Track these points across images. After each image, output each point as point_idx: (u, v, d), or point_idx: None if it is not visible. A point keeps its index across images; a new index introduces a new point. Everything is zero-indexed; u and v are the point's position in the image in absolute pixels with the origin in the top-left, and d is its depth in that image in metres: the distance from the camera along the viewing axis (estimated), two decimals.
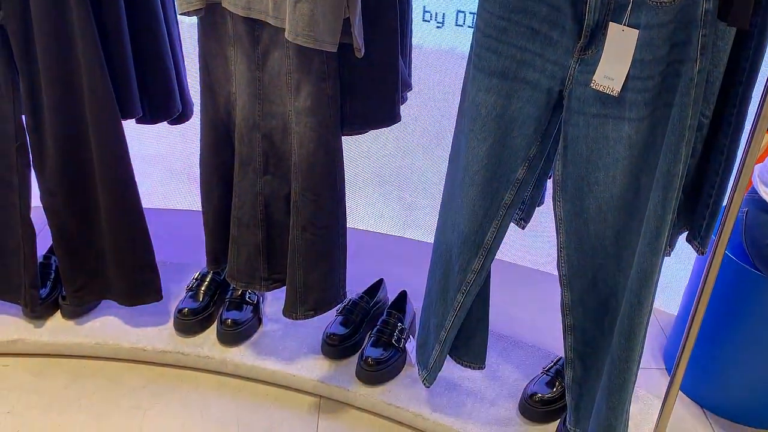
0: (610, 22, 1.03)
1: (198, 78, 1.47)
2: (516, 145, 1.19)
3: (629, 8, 1.00)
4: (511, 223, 1.32)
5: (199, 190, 1.56)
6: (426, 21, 1.88)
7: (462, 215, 1.28)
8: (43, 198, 1.58)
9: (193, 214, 2.21)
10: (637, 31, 1.00)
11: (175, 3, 1.35)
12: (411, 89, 1.58)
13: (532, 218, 1.46)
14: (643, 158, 1.07)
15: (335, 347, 1.66)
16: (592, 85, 1.07)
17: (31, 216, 1.62)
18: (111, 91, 1.47)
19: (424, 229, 2.18)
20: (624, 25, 1.01)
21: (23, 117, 1.52)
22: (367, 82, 1.36)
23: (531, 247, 2.08)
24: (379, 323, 1.68)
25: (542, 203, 1.47)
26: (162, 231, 1.69)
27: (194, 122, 1.73)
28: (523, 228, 1.47)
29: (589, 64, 1.08)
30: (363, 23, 1.26)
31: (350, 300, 1.73)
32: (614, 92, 1.05)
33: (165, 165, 2.20)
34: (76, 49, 1.42)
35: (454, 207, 1.30)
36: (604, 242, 1.18)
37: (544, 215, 1.62)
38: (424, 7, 1.86)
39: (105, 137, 1.50)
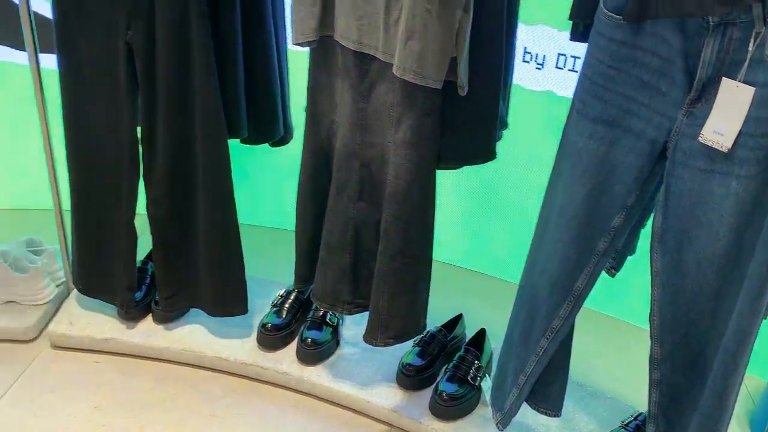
0: (723, 78, 1.02)
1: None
2: (615, 193, 1.18)
3: (746, 65, 0.99)
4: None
5: (288, 210, 1.61)
6: (526, 62, 1.90)
7: (553, 259, 1.28)
8: (148, 206, 1.67)
9: (280, 232, 2.28)
10: (753, 89, 0.98)
11: (291, 33, 1.41)
12: (507, 128, 1.60)
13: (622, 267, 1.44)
14: (750, 216, 1.05)
15: (410, 378, 1.67)
16: (699, 138, 1.06)
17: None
18: (221, 112, 1.55)
19: (508, 267, 2.17)
20: (739, 81, 1.00)
21: (138, 129, 1.62)
22: (466, 119, 1.38)
23: (618, 297, 2.03)
24: (455, 359, 1.68)
25: (634, 252, 1.44)
26: (251, 246, 1.76)
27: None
28: (613, 276, 1.45)
29: (698, 117, 1.06)
30: (468, 62, 1.29)
31: (429, 332, 1.73)
32: (724, 148, 1.03)
33: (256, 183, 2.28)
34: (194, 70, 1.51)
35: (545, 250, 1.30)
36: (701, 298, 1.15)
37: (635, 265, 1.59)
38: (525, 48, 1.88)
39: (212, 154, 1.58)
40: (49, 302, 1.83)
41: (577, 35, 1.21)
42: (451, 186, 2.12)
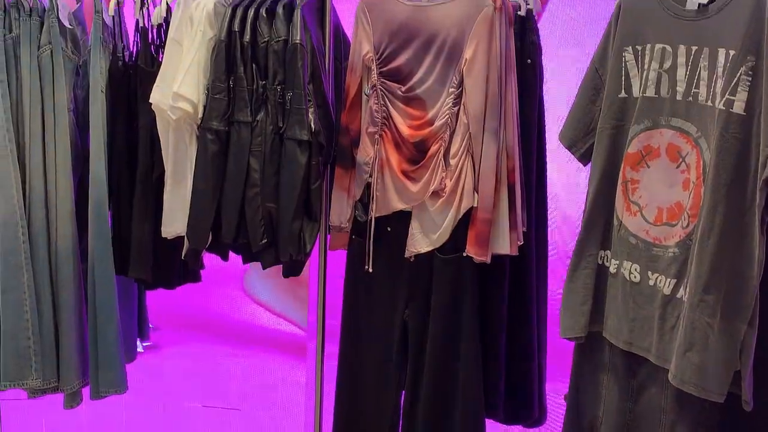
0: None
1: None
2: None
3: None
4: None
5: None
6: None
7: None
8: None
9: None
10: None
11: (560, 325, 1.45)
12: None
13: None
14: None
15: None
16: None
17: None
18: (481, 388, 1.59)
19: None
20: None
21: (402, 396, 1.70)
22: None
23: None
24: None
25: None
26: None
27: None
28: None
29: None
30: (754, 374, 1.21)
31: None
32: None
33: None
34: (461, 346, 1.59)
35: None
36: None
37: None
38: None
39: (468, 428, 1.60)
40: None
41: None
42: None
